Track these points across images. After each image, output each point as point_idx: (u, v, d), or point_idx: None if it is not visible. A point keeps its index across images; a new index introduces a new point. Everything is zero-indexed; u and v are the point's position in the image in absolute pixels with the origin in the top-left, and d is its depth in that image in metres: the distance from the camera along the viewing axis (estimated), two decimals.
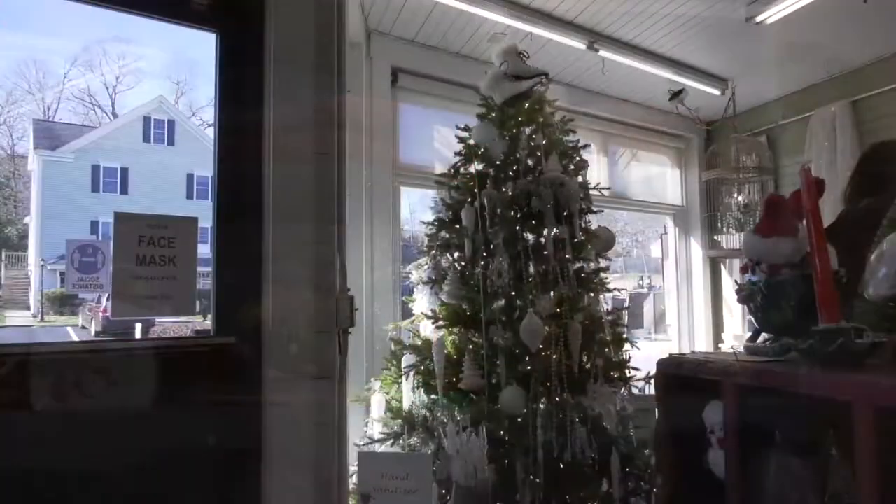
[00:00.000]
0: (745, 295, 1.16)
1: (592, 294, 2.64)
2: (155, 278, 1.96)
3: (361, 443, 2.59)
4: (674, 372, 1.18)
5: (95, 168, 9.55)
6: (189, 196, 10.79)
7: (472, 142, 2.73)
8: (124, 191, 9.55)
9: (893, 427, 0.80)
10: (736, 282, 4.51)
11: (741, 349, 1.21)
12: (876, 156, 2.24)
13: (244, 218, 2.11)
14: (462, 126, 2.79)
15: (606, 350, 2.60)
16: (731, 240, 4.39)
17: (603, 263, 2.76)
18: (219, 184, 2.12)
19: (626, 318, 2.90)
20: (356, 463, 2.26)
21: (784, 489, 0.95)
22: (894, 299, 0.97)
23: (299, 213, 2.10)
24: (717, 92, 4.30)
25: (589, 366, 2.54)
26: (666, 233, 4.93)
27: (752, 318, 1.19)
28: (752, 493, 0.97)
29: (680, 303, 4.90)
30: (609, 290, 2.71)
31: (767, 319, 1.12)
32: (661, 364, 1.21)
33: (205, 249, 2.15)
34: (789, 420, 0.98)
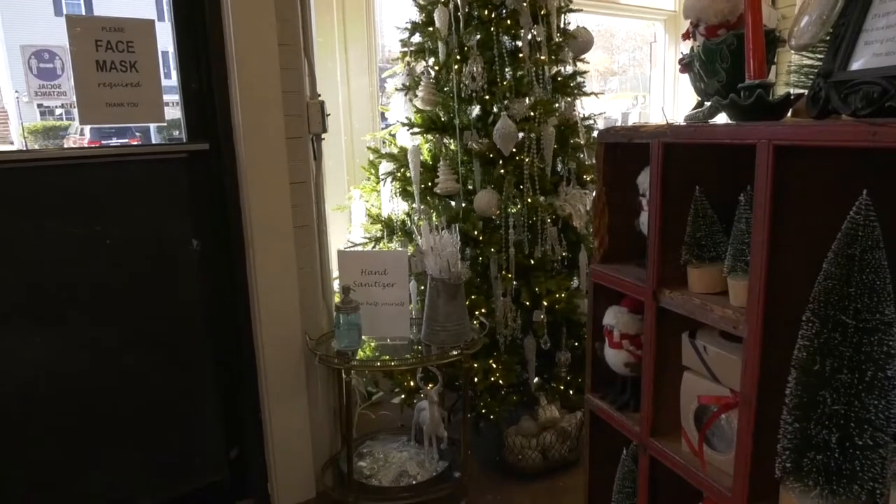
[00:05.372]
0: (685, 63, 1.17)
1: (568, 98, 2.62)
2: (119, 85, 1.94)
3: (344, 248, 2.73)
4: (612, 140, 1.22)
5: None
6: (160, 18, 10.16)
7: None
8: (90, 10, 8.92)
9: (787, 165, 0.86)
10: (681, 52, 4.37)
11: None
12: None
13: (204, 20, 2.04)
14: None
15: (580, 154, 2.64)
16: None
17: (581, 66, 2.71)
18: None
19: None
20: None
21: (698, 236, 1.04)
22: (820, 50, 0.98)
23: (260, 13, 2.02)
24: None
25: (561, 169, 2.60)
26: (656, 41, 4.74)
27: (693, 88, 1.21)
28: (670, 242, 1.06)
29: (666, 110, 4.85)
30: (586, 94, 2.69)
31: (704, 87, 1.14)
32: (602, 134, 1.25)
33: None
34: (707, 174, 1.05)
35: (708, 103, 1.18)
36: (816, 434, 0.87)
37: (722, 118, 1.15)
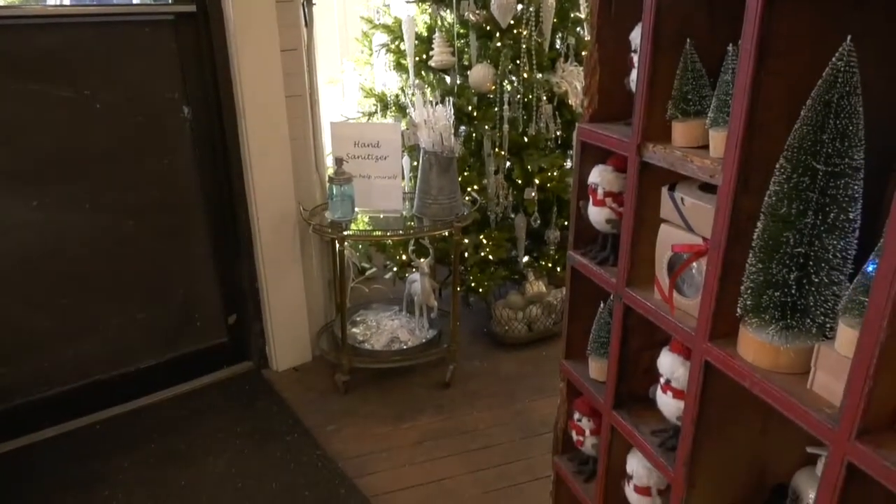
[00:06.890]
0: None
1: None
2: None
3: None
4: None
5: None
6: None
7: None
8: None
9: (777, 10, 0.86)
10: None
11: None
12: None
13: None
14: None
15: (579, 30, 2.57)
16: None
17: None
18: None
19: None
20: None
21: (685, 90, 1.05)
22: None
23: None
24: None
25: (560, 45, 2.54)
26: None
27: None
28: (658, 98, 1.08)
29: None
30: None
31: None
32: None
33: None
34: (700, 29, 1.05)
35: None
36: (777, 273, 0.92)
37: None
